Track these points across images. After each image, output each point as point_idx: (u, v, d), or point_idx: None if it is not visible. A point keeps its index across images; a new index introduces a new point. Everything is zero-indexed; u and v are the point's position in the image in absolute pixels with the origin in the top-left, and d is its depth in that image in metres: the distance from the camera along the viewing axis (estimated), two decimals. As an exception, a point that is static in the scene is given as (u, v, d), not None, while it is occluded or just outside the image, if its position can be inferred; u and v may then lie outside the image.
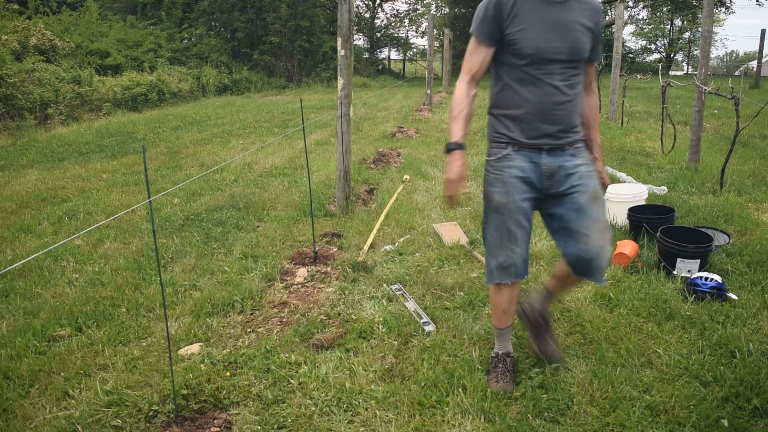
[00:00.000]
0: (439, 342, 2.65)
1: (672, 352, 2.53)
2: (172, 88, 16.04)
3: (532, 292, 2.59)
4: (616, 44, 9.54)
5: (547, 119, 2.12)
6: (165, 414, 2.21)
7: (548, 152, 2.16)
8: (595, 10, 2.14)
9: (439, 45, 25.13)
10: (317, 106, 13.71)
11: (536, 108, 2.12)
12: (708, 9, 5.46)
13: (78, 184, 6.25)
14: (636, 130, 8.67)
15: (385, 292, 3.22)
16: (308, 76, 22.46)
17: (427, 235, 4.15)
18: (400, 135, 8.82)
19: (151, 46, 19.81)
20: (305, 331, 2.80)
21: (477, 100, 2.36)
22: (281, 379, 2.41)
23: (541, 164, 2.16)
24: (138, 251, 4.05)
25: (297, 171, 6.51)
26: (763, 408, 2.15)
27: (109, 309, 3.13)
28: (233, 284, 3.37)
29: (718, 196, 4.79)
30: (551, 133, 2.14)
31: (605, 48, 23.21)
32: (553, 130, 2.13)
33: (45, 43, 14.22)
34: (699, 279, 3.06)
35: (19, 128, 10.48)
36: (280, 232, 4.30)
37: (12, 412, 2.28)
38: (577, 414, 2.16)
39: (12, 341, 2.79)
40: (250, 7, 22.46)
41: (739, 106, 4.74)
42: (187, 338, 2.80)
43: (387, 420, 2.16)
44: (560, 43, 2.07)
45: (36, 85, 11.83)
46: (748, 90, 13.16)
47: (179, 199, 5.44)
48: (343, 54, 4.42)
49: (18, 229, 4.60)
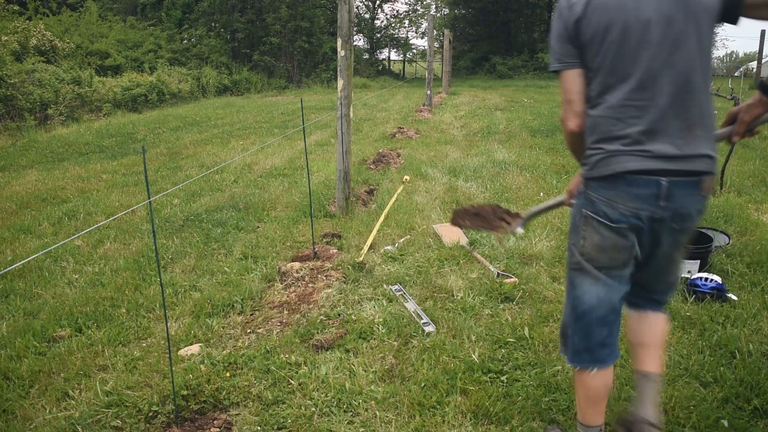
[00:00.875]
0: (439, 342, 2.65)
1: (672, 353, 2.53)
2: (172, 89, 16.05)
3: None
4: (615, 45, 9.54)
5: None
6: (165, 414, 2.21)
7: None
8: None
9: (439, 46, 25.14)
10: (317, 107, 13.71)
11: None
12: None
13: (78, 184, 6.25)
14: (636, 131, 8.67)
15: (385, 292, 3.22)
16: (308, 77, 22.47)
17: (427, 235, 4.15)
18: (400, 136, 8.82)
19: (151, 47, 19.83)
20: (305, 331, 2.79)
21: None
22: (281, 380, 2.41)
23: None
24: (138, 252, 4.05)
25: (297, 172, 6.51)
26: (763, 408, 2.15)
27: (109, 310, 3.13)
28: (233, 285, 3.37)
29: (718, 196, 4.80)
30: None
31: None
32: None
33: (45, 43, 14.23)
34: (699, 280, 3.06)
35: (19, 129, 10.48)
36: (280, 232, 4.30)
37: (12, 413, 2.28)
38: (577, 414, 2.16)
39: (12, 342, 2.79)
40: (250, 8, 22.48)
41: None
42: (187, 339, 2.80)
43: (387, 420, 2.16)
44: None
45: (36, 85, 11.83)
46: (748, 91, 13.16)
47: (179, 200, 5.44)
48: (343, 55, 4.42)
49: (18, 230, 4.60)
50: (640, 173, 1.58)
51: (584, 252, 1.73)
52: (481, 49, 28.96)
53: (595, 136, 1.65)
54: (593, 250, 1.71)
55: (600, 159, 1.64)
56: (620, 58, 1.58)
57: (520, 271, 3.43)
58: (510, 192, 5.25)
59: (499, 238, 3.89)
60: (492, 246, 3.84)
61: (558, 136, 8.15)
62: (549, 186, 5.42)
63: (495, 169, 6.17)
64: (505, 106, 12.82)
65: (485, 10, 29.00)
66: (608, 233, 1.67)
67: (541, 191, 5.24)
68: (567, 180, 5.62)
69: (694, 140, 1.58)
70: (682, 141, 1.57)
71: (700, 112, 1.59)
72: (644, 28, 1.55)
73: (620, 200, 1.62)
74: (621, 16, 1.57)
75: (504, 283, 3.23)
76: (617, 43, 1.58)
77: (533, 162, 6.50)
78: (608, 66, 1.60)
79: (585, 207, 1.72)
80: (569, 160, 6.57)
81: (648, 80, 1.57)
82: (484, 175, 5.91)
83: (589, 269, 1.73)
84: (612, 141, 1.61)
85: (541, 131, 8.75)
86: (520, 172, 6.03)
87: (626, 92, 1.59)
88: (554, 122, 9.52)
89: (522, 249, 3.77)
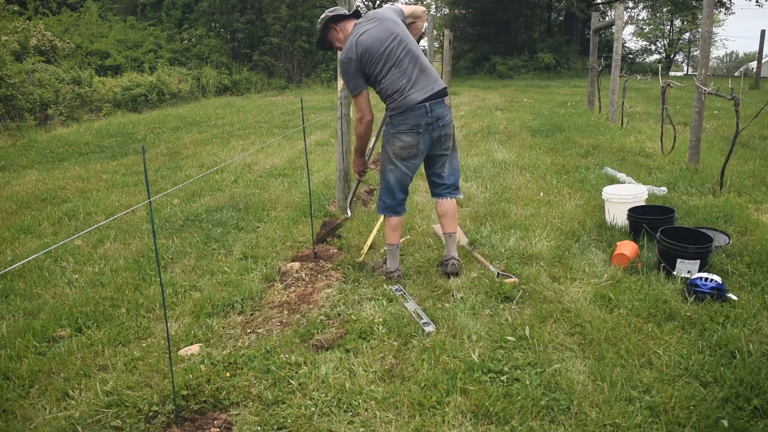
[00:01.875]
0: (439, 342, 2.65)
1: (672, 353, 2.53)
2: (172, 89, 16.06)
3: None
4: (616, 45, 9.54)
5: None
6: (165, 415, 2.21)
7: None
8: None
9: (439, 46, 25.12)
10: (317, 107, 13.71)
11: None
12: (708, 10, 5.46)
13: (78, 184, 6.25)
14: (636, 131, 8.67)
15: (385, 292, 3.22)
16: (308, 77, 22.47)
17: (427, 235, 4.15)
18: (400, 136, 8.80)
19: (151, 47, 19.84)
20: (305, 331, 2.80)
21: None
22: (281, 380, 2.41)
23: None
24: (138, 252, 4.05)
25: (297, 172, 6.51)
26: (763, 408, 2.15)
27: (109, 310, 3.13)
28: (233, 285, 3.37)
29: (718, 196, 4.79)
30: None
31: (605, 49, 23.27)
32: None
33: (45, 43, 14.23)
34: (699, 280, 3.06)
35: (19, 129, 10.48)
36: (280, 232, 4.31)
37: (12, 413, 2.28)
38: (577, 414, 2.16)
39: (12, 342, 2.80)
40: (249, 8, 22.48)
41: (739, 107, 4.74)
42: (187, 339, 2.80)
43: (387, 420, 2.16)
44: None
45: (36, 85, 11.84)
46: (748, 91, 13.17)
47: (179, 200, 5.44)
48: (343, 55, 4.41)
49: (18, 230, 4.61)
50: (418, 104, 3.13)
51: (394, 152, 3.24)
52: (481, 49, 28.95)
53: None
54: (399, 149, 3.22)
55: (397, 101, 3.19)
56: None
57: (520, 271, 3.43)
58: (510, 192, 5.25)
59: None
60: (492, 246, 3.84)
61: (558, 136, 8.16)
62: (549, 186, 5.42)
63: (495, 169, 6.17)
64: (505, 106, 12.82)
65: (485, 10, 28.97)
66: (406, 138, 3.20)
67: (541, 191, 5.24)
68: (567, 180, 5.63)
69: (431, 82, 3.18)
70: (426, 83, 3.17)
71: (428, 68, 3.21)
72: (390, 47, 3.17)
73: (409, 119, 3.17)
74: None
75: (504, 283, 3.23)
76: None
77: (533, 162, 6.50)
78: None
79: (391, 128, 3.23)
80: (569, 160, 6.58)
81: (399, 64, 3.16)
82: (484, 175, 5.90)
83: (396, 162, 3.27)
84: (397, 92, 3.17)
85: (541, 131, 8.75)
86: (520, 172, 6.03)
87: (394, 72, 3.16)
88: (554, 122, 9.52)
89: (522, 249, 3.77)
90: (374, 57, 3.11)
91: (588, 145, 7.43)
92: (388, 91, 3.15)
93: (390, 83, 3.13)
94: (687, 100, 12.38)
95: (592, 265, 3.49)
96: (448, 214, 3.43)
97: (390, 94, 3.16)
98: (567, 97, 14.94)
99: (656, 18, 35.07)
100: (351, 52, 3.13)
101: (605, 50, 23.23)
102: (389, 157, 3.25)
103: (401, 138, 3.17)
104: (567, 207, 4.69)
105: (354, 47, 3.12)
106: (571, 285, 3.25)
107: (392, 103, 3.16)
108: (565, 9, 30.25)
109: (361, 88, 3.16)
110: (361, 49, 3.11)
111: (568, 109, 11.78)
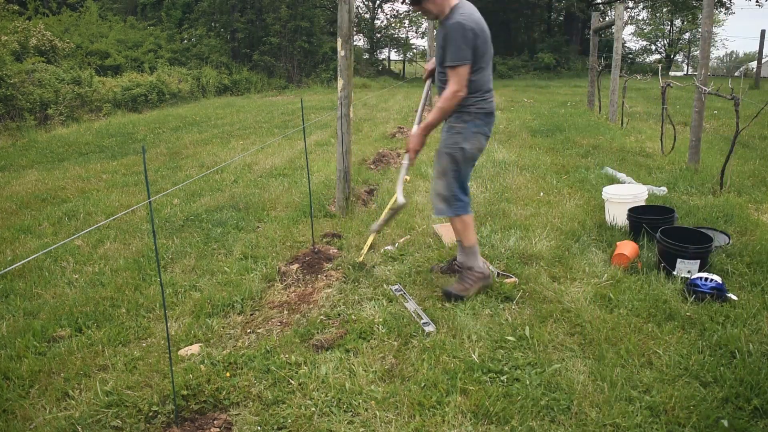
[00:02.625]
0: (439, 342, 2.65)
1: (672, 353, 2.53)
2: (172, 89, 16.05)
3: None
4: (615, 45, 9.54)
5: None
6: (165, 414, 2.21)
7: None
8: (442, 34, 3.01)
9: (439, 46, 25.08)
10: (317, 107, 13.71)
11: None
12: (708, 10, 5.46)
13: (78, 184, 6.25)
14: (636, 131, 8.67)
15: (385, 292, 3.22)
16: (308, 77, 22.47)
17: (427, 235, 4.15)
18: (400, 136, 8.82)
19: (151, 47, 19.84)
20: (305, 331, 2.80)
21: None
22: (281, 380, 2.41)
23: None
24: (138, 252, 4.05)
25: (297, 171, 6.51)
26: (763, 408, 2.15)
27: (109, 309, 3.13)
28: (233, 285, 3.37)
29: (718, 196, 4.79)
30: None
31: (605, 49, 23.26)
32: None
33: (45, 43, 14.23)
34: (699, 279, 3.06)
35: (19, 129, 10.48)
36: (280, 232, 4.31)
37: (12, 413, 2.28)
38: (577, 414, 2.16)
39: (12, 342, 2.79)
40: (249, 8, 22.48)
41: (739, 107, 4.74)
42: (187, 339, 2.80)
43: (387, 420, 2.16)
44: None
45: (36, 85, 11.83)
46: (748, 91, 13.17)
47: (179, 200, 5.44)
48: (343, 55, 4.42)
49: (18, 230, 4.61)
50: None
51: (472, 150, 3.11)
52: (482, 49, 28.91)
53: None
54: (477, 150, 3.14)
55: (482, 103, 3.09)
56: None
57: (520, 271, 3.43)
58: (510, 192, 5.26)
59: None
60: (492, 246, 3.84)
61: (558, 136, 8.16)
62: (549, 186, 5.42)
63: (495, 169, 6.17)
64: (505, 106, 12.82)
65: (485, 10, 28.53)
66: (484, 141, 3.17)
67: (541, 191, 5.24)
68: (567, 180, 5.63)
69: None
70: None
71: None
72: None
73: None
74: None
75: (504, 282, 3.23)
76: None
77: (533, 162, 6.50)
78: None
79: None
80: (569, 159, 6.58)
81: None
82: (484, 175, 5.91)
83: (468, 161, 3.15)
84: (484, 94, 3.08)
85: (541, 131, 8.75)
86: (520, 172, 6.03)
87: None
88: (554, 122, 9.52)
89: (522, 249, 3.77)
90: (485, 45, 2.97)
91: (588, 145, 7.43)
92: (482, 87, 3.03)
93: (482, 80, 3.03)
94: (687, 100, 12.38)
95: (592, 265, 3.49)
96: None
97: (483, 91, 3.04)
98: (567, 97, 14.95)
99: (656, 18, 35.08)
100: (473, 23, 2.91)
101: (605, 50, 23.23)
102: (464, 155, 3.07)
103: (481, 140, 3.10)
104: (567, 207, 4.69)
105: (476, 22, 2.93)
106: (571, 285, 3.25)
107: (482, 102, 3.05)
108: (565, 9, 30.25)
109: (468, 59, 2.89)
110: (479, 28, 2.94)
111: (568, 109, 11.78)
